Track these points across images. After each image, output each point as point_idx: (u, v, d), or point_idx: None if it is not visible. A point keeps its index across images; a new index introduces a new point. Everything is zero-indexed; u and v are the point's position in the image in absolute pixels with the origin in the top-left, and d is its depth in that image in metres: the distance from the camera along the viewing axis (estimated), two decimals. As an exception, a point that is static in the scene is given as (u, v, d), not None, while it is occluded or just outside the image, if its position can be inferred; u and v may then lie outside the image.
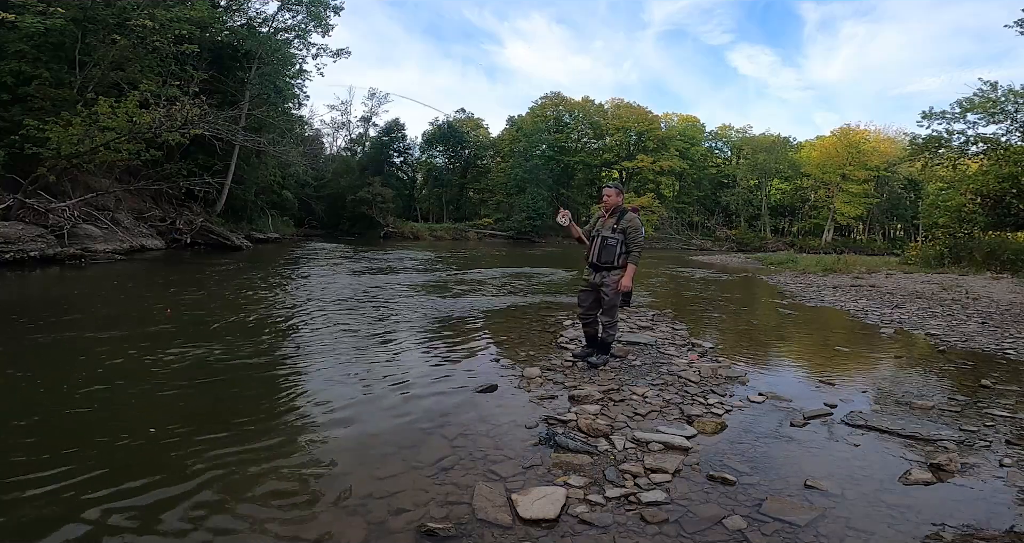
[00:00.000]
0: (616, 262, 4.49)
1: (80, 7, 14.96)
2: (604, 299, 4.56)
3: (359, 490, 2.49)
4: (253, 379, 4.21)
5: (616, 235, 4.48)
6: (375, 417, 3.44)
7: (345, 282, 11.00)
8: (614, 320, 4.63)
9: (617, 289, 4.48)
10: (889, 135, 50.15)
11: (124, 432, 3.11)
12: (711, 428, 3.37)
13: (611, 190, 4.63)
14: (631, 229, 4.45)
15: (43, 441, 2.94)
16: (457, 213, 51.46)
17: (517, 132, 50.70)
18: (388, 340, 5.69)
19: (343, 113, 53.20)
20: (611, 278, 4.51)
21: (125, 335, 5.54)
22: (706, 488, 2.60)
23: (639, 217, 4.59)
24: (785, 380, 4.66)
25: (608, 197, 4.61)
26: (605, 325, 4.65)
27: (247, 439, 3.04)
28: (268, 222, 28.23)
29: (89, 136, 13.60)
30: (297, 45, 26.97)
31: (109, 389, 3.79)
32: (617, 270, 4.51)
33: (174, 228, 18.91)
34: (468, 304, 8.44)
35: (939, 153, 21.20)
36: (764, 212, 52.84)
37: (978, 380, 4.62)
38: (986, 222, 19.27)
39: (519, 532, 2.19)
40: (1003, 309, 8.92)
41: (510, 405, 3.72)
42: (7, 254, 11.07)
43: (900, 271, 16.49)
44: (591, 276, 4.64)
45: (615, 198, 4.59)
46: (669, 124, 54.67)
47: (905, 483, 2.73)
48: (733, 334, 6.95)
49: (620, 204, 4.64)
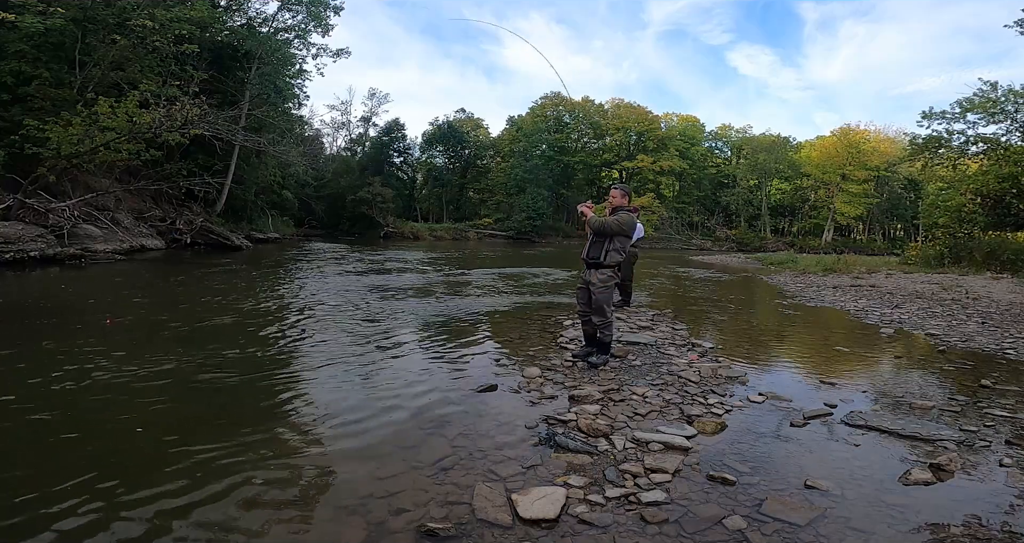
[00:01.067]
0: (603, 259, 4.51)
1: (80, 7, 14.97)
2: (592, 298, 4.59)
3: (359, 490, 2.49)
4: (252, 379, 4.21)
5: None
6: (375, 417, 3.43)
7: (345, 282, 11.00)
8: (606, 319, 4.61)
9: (603, 287, 4.52)
10: (889, 135, 50.23)
11: (122, 432, 3.11)
12: (711, 428, 3.36)
13: (616, 191, 4.71)
14: (613, 220, 4.46)
15: (36, 445, 2.94)
16: (457, 213, 51.48)
17: (517, 132, 50.73)
18: (388, 340, 5.69)
19: (343, 113, 53.35)
20: (598, 276, 4.55)
21: (123, 334, 5.54)
22: (706, 488, 2.60)
23: (637, 217, 4.62)
24: (785, 380, 4.66)
25: (612, 198, 4.69)
26: (598, 325, 4.65)
27: (246, 439, 3.04)
28: (268, 222, 28.24)
29: (89, 136, 13.60)
30: (297, 45, 27.00)
31: (108, 389, 3.79)
32: (605, 268, 4.54)
33: (174, 228, 18.92)
34: (468, 304, 8.44)
35: (939, 153, 21.19)
36: (764, 212, 52.84)
37: (978, 380, 4.62)
38: (986, 222, 19.27)
39: (519, 532, 2.18)
40: (1003, 309, 8.92)
41: (510, 405, 3.72)
42: (7, 254, 11.07)
43: (900, 271, 16.49)
44: (584, 273, 4.70)
45: (618, 199, 4.65)
46: (669, 124, 54.70)
47: (905, 483, 2.72)
48: (733, 334, 6.95)
49: (624, 205, 4.67)
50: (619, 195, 4.67)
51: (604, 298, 4.56)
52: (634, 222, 4.67)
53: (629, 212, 4.62)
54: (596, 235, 4.58)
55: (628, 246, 4.73)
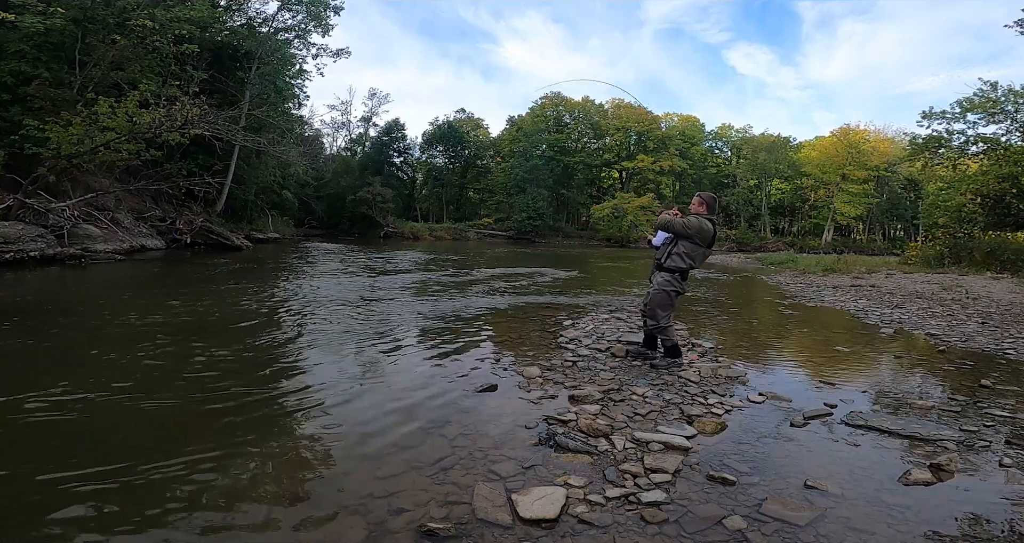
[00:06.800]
0: (664, 261, 4.58)
1: (80, 7, 14.98)
2: (648, 299, 4.66)
3: (359, 490, 2.49)
4: (251, 379, 4.21)
5: (666, 236, 4.63)
6: (375, 417, 3.44)
7: (344, 282, 11.00)
8: (658, 324, 4.63)
9: (660, 291, 4.56)
10: (889, 135, 50.29)
11: (121, 431, 3.11)
12: (711, 428, 3.36)
13: (696, 197, 4.72)
14: (678, 220, 4.50)
15: (34, 441, 2.94)
16: (457, 213, 51.48)
17: (517, 132, 50.74)
18: (387, 340, 5.69)
19: (343, 113, 53.35)
20: (657, 278, 4.62)
21: (123, 334, 5.54)
22: (706, 488, 2.60)
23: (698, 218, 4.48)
24: (785, 380, 4.66)
25: (692, 204, 4.71)
26: (652, 328, 4.71)
27: (245, 439, 3.04)
28: (268, 222, 28.24)
29: (89, 136, 13.60)
30: (297, 45, 27.01)
31: (107, 389, 3.79)
32: (665, 271, 4.58)
33: (174, 228, 18.92)
34: (468, 304, 8.44)
35: (939, 153, 21.18)
36: (764, 212, 52.84)
37: (978, 380, 4.62)
38: (986, 222, 19.28)
39: (519, 532, 2.18)
40: (1003, 309, 8.92)
41: (510, 405, 3.72)
42: (7, 254, 11.07)
43: (900, 271, 16.49)
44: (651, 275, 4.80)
45: (695, 206, 4.65)
46: (669, 124, 54.70)
47: (905, 483, 2.72)
48: (733, 334, 6.95)
49: (702, 213, 4.60)
50: (696, 202, 4.67)
51: (659, 301, 4.57)
52: (703, 227, 4.44)
53: (702, 218, 4.48)
54: (662, 234, 4.65)
55: (697, 253, 4.55)
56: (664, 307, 4.60)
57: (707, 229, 4.47)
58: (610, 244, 43.14)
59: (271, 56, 24.18)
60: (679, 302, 4.88)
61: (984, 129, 19.97)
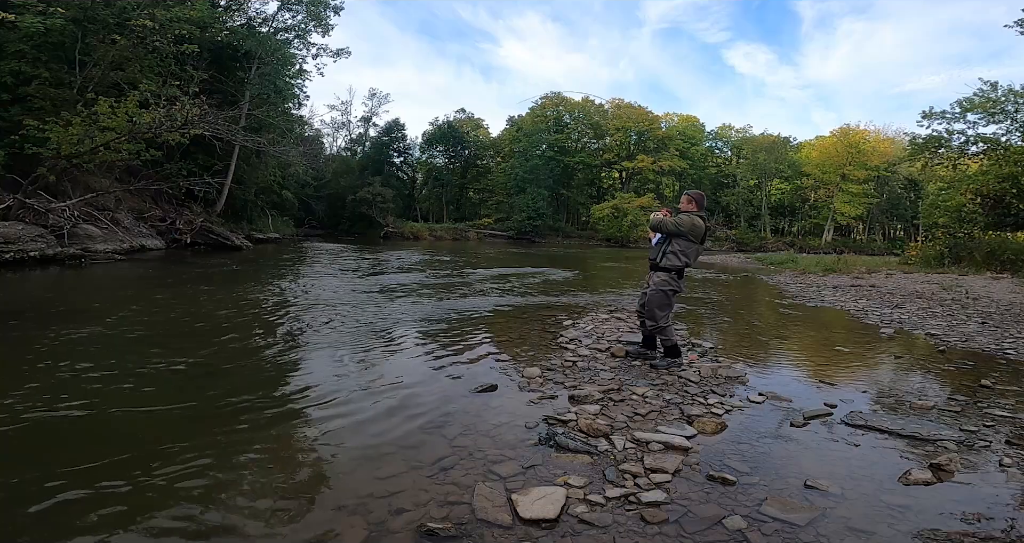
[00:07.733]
0: (659, 261, 4.62)
1: (80, 7, 14.96)
2: (645, 300, 4.68)
3: (359, 490, 2.49)
4: (252, 379, 4.21)
5: (660, 236, 4.66)
6: (375, 417, 3.44)
7: (344, 282, 11.00)
8: (657, 324, 4.65)
9: (657, 291, 4.58)
10: (889, 135, 50.26)
11: (120, 431, 3.11)
12: (711, 428, 3.36)
13: (684, 196, 4.77)
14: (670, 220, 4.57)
15: (34, 441, 2.94)
16: (457, 213, 51.48)
17: (517, 132, 50.74)
18: (388, 340, 5.69)
19: (343, 113, 53.33)
20: (654, 278, 4.65)
21: (121, 335, 5.54)
22: (706, 488, 2.60)
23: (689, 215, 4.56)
24: (785, 380, 4.66)
25: (681, 203, 4.75)
26: (651, 328, 4.73)
27: (246, 439, 3.04)
28: (268, 222, 28.23)
29: (89, 136, 13.60)
30: (297, 45, 26.99)
31: (107, 388, 3.79)
32: (661, 271, 4.61)
33: (174, 228, 18.91)
34: (468, 304, 8.44)
35: (939, 153, 21.20)
36: (764, 212, 52.84)
37: (978, 380, 4.62)
38: (986, 222, 19.29)
39: (519, 532, 2.18)
40: (1003, 309, 8.92)
41: (510, 405, 3.72)
42: (7, 254, 11.07)
43: (900, 271, 16.49)
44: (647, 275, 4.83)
45: (684, 204, 4.70)
46: (669, 124, 54.71)
47: (905, 483, 2.72)
48: (733, 334, 6.95)
49: (692, 211, 4.63)
50: (686, 200, 4.71)
51: (657, 302, 4.59)
52: (694, 223, 4.51)
53: (692, 215, 4.54)
54: (655, 234, 4.69)
55: (691, 251, 4.60)
56: (662, 307, 4.62)
57: (699, 225, 4.55)
58: (610, 244, 43.14)
59: (271, 56, 24.16)
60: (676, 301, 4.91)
61: (984, 129, 20.02)
